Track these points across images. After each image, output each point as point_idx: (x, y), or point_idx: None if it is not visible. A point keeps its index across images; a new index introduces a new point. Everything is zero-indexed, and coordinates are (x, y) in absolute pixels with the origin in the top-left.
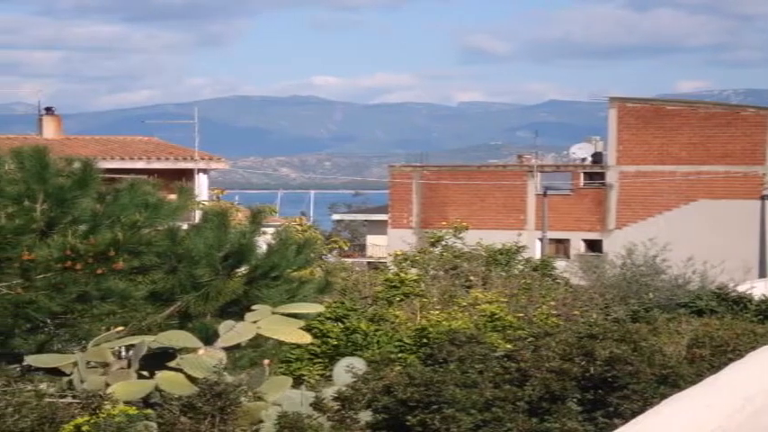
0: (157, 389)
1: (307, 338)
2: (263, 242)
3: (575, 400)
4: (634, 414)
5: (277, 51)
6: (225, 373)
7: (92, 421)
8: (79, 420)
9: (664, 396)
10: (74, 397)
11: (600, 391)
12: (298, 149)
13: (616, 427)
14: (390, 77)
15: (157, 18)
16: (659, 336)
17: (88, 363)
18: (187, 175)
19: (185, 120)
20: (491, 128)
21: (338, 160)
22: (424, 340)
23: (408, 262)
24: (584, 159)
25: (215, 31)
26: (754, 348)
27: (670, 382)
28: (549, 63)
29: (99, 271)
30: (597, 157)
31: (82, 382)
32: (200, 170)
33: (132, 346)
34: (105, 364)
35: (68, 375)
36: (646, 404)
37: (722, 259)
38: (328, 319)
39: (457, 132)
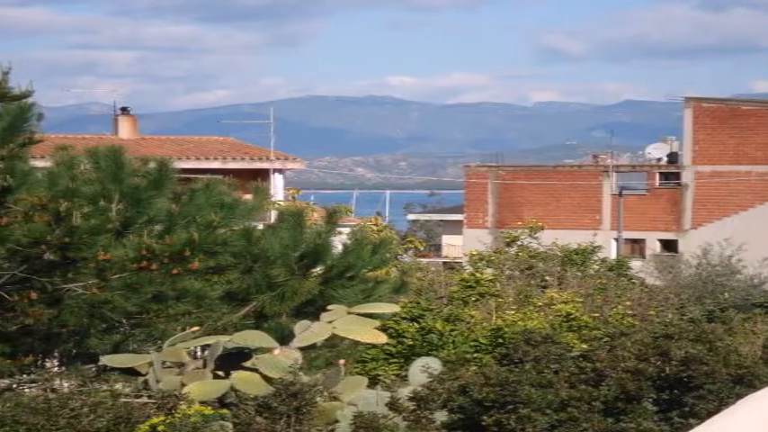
0: (233, 389)
1: (382, 338)
2: (338, 242)
3: (650, 400)
4: (710, 414)
5: (352, 51)
6: (300, 373)
7: (167, 421)
8: (155, 420)
9: (739, 396)
10: (149, 397)
11: (675, 391)
12: (373, 149)
13: (692, 427)
14: (466, 77)
15: (233, 18)
16: (735, 336)
17: (164, 363)
18: (262, 175)
19: (261, 120)
20: (566, 128)
21: (414, 160)
22: (500, 340)
23: (484, 262)
24: (659, 159)
25: (291, 31)
26: None
27: (746, 382)
28: (625, 63)
29: (174, 271)
30: (673, 158)
31: (157, 381)
32: (275, 170)
33: (208, 345)
34: (181, 364)
35: (144, 375)
36: (721, 404)
37: None
38: (404, 318)
39: (532, 132)
